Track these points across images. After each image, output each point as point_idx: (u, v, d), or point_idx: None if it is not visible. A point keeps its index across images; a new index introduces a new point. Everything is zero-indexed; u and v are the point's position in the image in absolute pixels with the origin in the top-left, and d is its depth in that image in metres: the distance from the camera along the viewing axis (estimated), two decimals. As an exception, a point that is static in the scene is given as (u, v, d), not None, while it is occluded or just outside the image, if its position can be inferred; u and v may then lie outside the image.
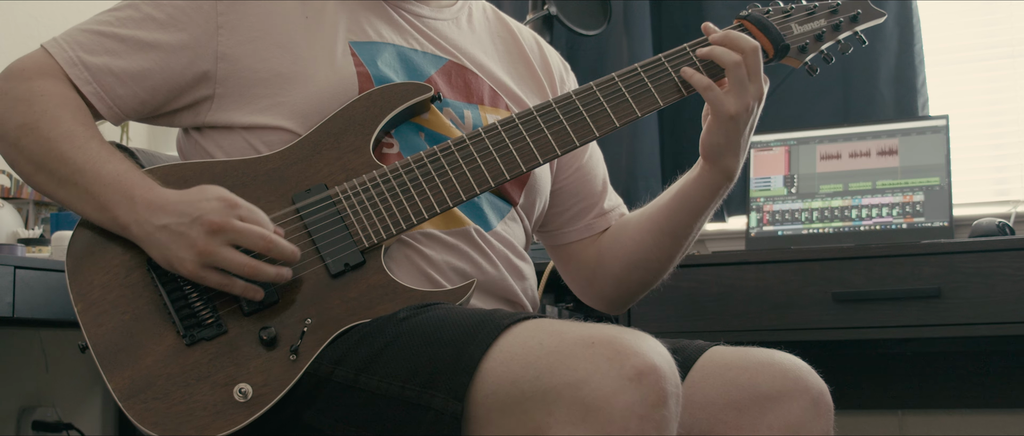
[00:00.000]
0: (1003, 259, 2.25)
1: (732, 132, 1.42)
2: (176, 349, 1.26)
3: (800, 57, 1.51)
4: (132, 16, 1.40)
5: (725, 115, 1.40)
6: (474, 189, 1.36)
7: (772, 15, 1.51)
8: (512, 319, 1.17)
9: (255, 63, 1.39)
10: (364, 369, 1.22)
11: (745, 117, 1.41)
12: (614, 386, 1.06)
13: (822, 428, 1.34)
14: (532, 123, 1.39)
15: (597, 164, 1.66)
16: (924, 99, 2.89)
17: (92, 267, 1.30)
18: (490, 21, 1.61)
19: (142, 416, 1.22)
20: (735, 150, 1.44)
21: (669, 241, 1.54)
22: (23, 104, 1.34)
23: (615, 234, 1.61)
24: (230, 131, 1.40)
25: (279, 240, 1.27)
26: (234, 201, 1.27)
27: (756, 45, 1.41)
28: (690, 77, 1.41)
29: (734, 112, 1.40)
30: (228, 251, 1.25)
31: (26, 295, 2.23)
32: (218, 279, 1.26)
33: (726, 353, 1.39)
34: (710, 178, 1.47)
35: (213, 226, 1.24)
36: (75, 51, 1.37)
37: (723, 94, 1.40)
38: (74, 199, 1.32)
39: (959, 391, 2.79)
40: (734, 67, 1.39)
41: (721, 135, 1.42)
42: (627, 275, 1.59)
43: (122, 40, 1.38)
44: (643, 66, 1.44)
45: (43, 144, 1.32)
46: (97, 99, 1.37)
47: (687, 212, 1.51)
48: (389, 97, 1.39)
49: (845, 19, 1.53)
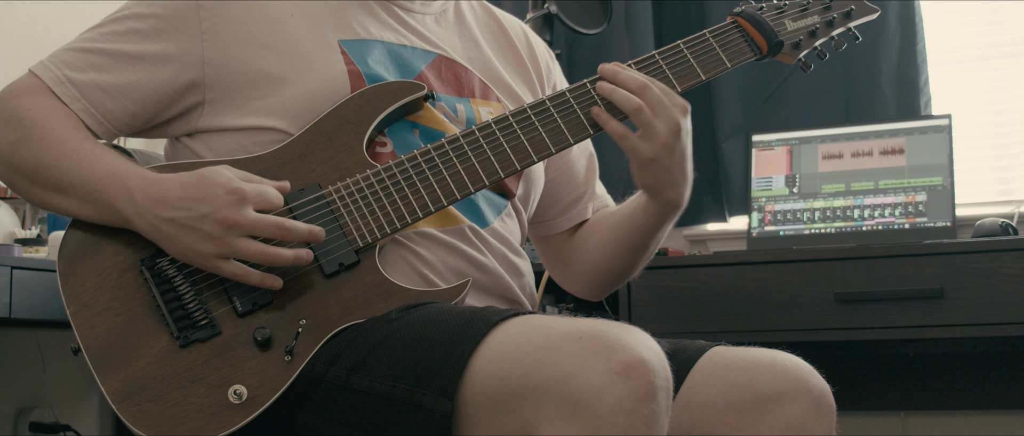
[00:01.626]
0: (1006, 259, 2.24)
1: (658, 171, 1.39)
2: (170, 351, 1.25)
3: (794, 53, 1.51)
4: (115, 30, 1.39)
5: (643, 159, 1.38)
6: (468, 187, 1.35)
7: (766, 11, 1.50)
8: (501, 316, 1.16)
9: (243, 66, 1.38)
10: (356, 369, 1.21)
11: (666, 156, 1.37)
12: (602, 380, 1.06)
13: (824, 429, 1.33)
14: (526, 121, 1.38)
15: (579, 154, 1.66)
16: (927, 98, 2.88)
17: (84, 269, 1.29)
18: (477, 13, 1.61)
19: (136, 419, 1.21)
20: (671, 184, 1.42)
21: (627, 254, 1.54)
22: (13, 121, 1.34)
23: (584, 235, 1.62)
24: (221, 133, 1.40)
25: (294, 225, 1.26)
26: (242, 192, 1.25)
27: (645, 82, 1.37)
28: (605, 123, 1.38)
29: (651, 156, 1.37)
30: (244, 242, 1.24)
31: (23, 295, 2.22)
32: (235, 270, 1.25)
33: (727, 353, 1.38)
34: (656, 208, 1.46)
35: (226, 221, 1.23)
36: (61, 70, 1.37)
37: (637, 140, 1.37)
38: (72, 203, 1.31)
39: (962, 392, 2.78)
40: (635, 113, 1.37)
41: (649, 176, 1.41)
42: (593, 278, 1.60)
43: (107, 55, 1.38)
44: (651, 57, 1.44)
45: (35, 154, 1.32)
46: (87, 115, 1.36)
47: (639, 233, 1.51)
48: (382, 96, 1.38)
49: (838, 15, 1.53)
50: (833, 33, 1.53)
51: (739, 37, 1.47)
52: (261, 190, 1.27)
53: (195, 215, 1.24)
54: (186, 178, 1.27)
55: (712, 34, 1.46)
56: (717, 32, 1.46)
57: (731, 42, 1.46)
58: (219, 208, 1.24)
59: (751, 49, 1.47)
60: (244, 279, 1.26)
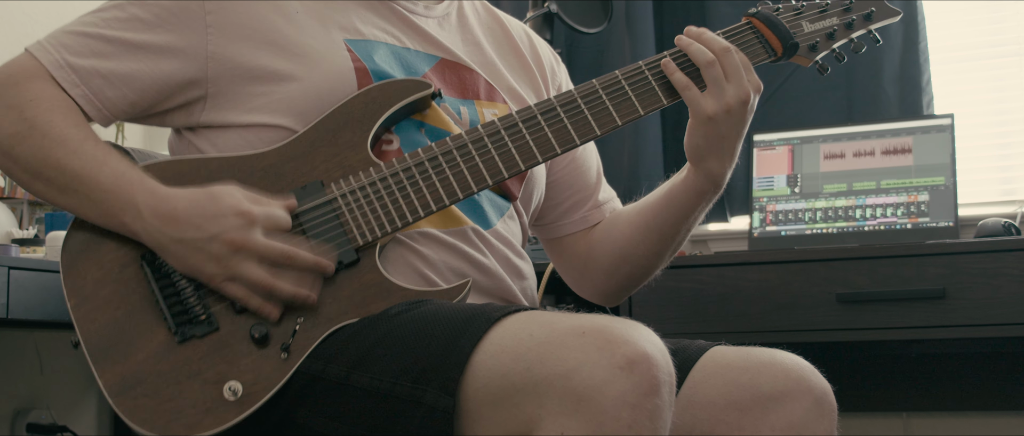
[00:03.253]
0: (1009, 259, 2.23)
1: (712, 134, 1.39)
2: (167, 346, 1.25)
3: (810, 55, 1.49)
4: (118, 16, 1.37)
5: (702, 115, 1.38)
6: (471, 188, 1.35)
7: (782, 12, 1.48)
8: (503, 312, 1.15)
9: (247, 62, 1.37)
10: (356, 366, 1.21)
11: (725, 119, 1.37)
12: (605, 375, 1.05)
13: (825, 428, 1.32)
14: (532, 121, 1.37)
15: (590, 155, 1.65)
16: (929, 98, 2.88)
17: (86, 263, 1.29)
18: (480, 15, 1.60)
19: (131, 413, 1.21)
20: (718, 153, 1.41)
21: (656, 239, 1.52)
22: (13, 112, 1.32)
23: (606, 228, 1.60)
24: (225, 130, 1.38)
25: (299, 256, 1.26)
26: (251, 214, 1.25)
27: (728, 46, 1.38)
28: (671, 74, 1.39)
29: (711, 113, 1.37)
30: (249, 267, 1.24)
31: (20, 296, 2.21)
32: (238, 292, 1.26)
33: (727, 353, 1.38)
34: (695, 182, 1.45)
35: (235, 245, 1.24)
36: (61, 54, 1.35)
37: (702, 95, 1.38)
38: (77, 205, 1.31)
39: (964, 392, 2.78)
40: (707, 67, 1.37)
41: (700, 136, 1.40)
42: (616, 269, 1.58)
43: (109, 41, 1.36)
44: (647, 63, 1.42)
45: (37, 152, 1.30)
46: (86, 102, 1.35)
47: (674, 214, 1.49)
48: (389, 93, 1.37)
49: (858, 17, 1.51)
50: (852, 35, 1.51)
51: (753, 38, 1.46)
52: (269, 213, 1.27)
53: (203, 236, 1.24)
54: (195, 197, 1.26)
55: (725, 35, 1.44)
56: (731, 33, 1.45)
57: (745, 43, 1.45)
58: (227, 230, 1.24)
59: (765, 50, 1.46)
60: (244, 302, 1.26)
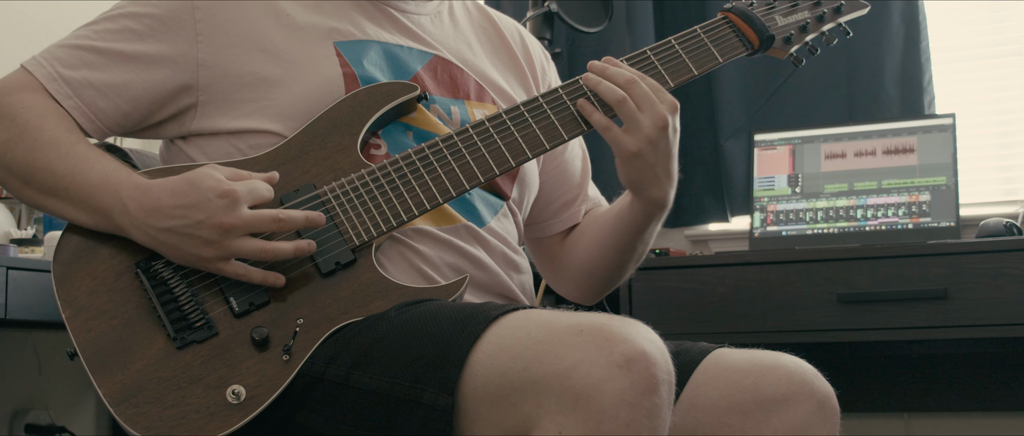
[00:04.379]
0: (1011, 259, 2.23)
1: (642, 167, 1.38)
2: (167, 352, 1.24)
3: (785, 48, 1.53)
4: (110, 29, 1.39)
5: (627, 154, 1.37)
6: (463, 185, 1.35)
7: (756, 7, 1.52)
8: (501, 311, 1.15)
9: (237, 68, 1.37)
10: (355, 366, 1.20)
11: (651, 151, 1.36)
12: (603, 373, 1.05)
13: (828, 431, 1.32)
14: (520, 118, 1.38)
15: (574, 155, 1.65)
16: (930, 97, 2.87)
17: (79, 273, 1.29)
18: (472, 14, 1.61)
19: (134, 421, 1.21)
20: (653, 182, 1.40)
21: (615, 256, 1.53)
22: (6, 120, 1.33)
23: (575, 237, 1.62)
24: (215, 137, 1.39)
25: (290, 214, 1.27)
26: (234, 193, 1.25)
27: (633, 77, 1.36)
28: (589, 114, 1.37)
29: (635, 150, 1.36)
30: (244, 242, 1.25)
31: (19, 296, 2.21)
32: (238, 270, 1.26)
33: (730, 355, 1.38)
34: (640, 206, 1.45)
35: (222, 226, 1.23)
36: (54, 67, 1.36)
37: (621, 133, 1.36)
38: (66, 208, 1.31)
39: (966, 393, 2.77)
40: (618, 105, 1.36)
41: (632, 171, 1.39)
42: (583, 280, 1.60)
43: (101, 53, 1.37)
44: (643, 53, 1.44)
45: (28, 155, 1.31)
46: (79, 113, 1.36)
47: (627, 234, 1.50)
48: (375, 97, 1.38)
49: (828, 10, 1.56)
50: (823, 28, 1.56)
51: (730, 32, 1.49)
52: (252, 186, 1.27)
53: (190, 222, 1.24)
54: (176, 184, 1.26)
55: (703, 30, 1.48)
56: (708, 28, 1.48)
57: (722, 37, 1.48)
58: (213, 213, 1.23)
59: (742, 44, 1.49)
60: (247, 278, 1.26)
